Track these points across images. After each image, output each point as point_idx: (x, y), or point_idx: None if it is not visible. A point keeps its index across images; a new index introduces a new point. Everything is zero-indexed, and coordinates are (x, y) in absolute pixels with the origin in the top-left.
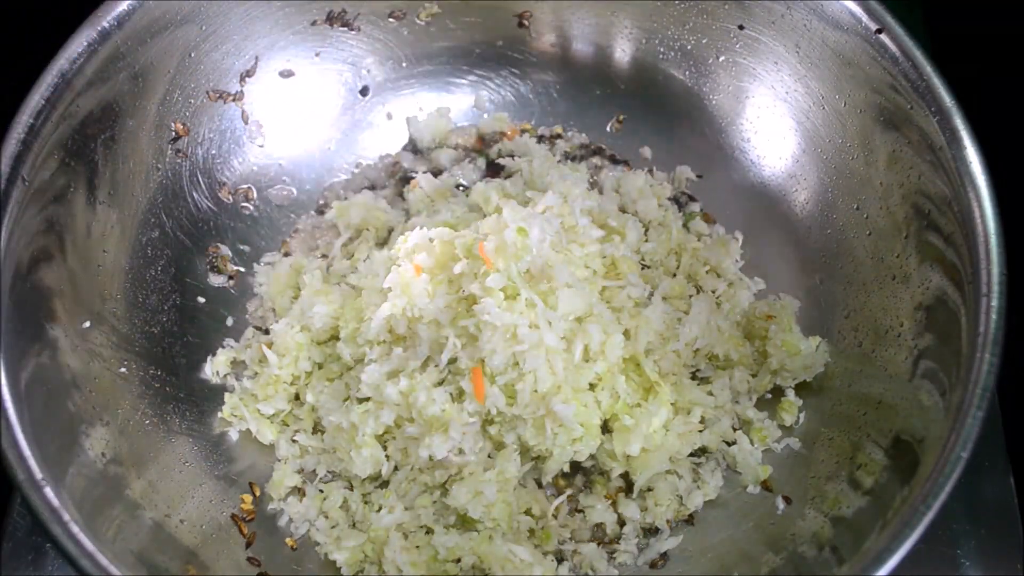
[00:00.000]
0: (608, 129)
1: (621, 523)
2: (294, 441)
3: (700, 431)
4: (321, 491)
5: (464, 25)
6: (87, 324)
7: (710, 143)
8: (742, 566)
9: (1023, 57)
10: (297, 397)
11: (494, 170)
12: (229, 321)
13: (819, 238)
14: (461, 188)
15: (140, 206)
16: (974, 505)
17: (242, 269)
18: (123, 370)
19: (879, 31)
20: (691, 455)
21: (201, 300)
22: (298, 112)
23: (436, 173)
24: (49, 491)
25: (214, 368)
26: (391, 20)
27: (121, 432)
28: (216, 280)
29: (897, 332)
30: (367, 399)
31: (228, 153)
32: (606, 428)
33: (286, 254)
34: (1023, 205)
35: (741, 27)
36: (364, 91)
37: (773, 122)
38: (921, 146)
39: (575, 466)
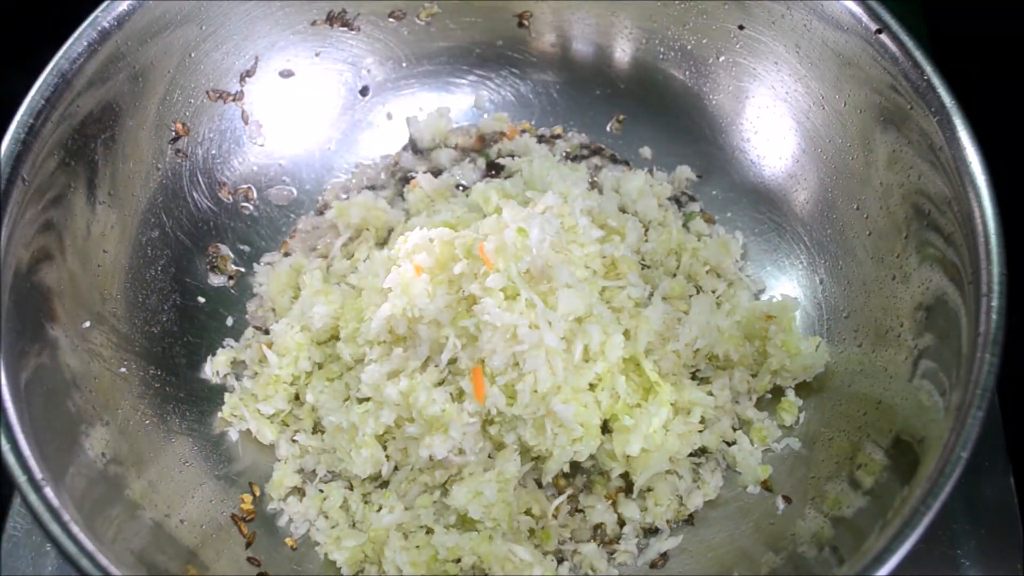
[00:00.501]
0: (608, 129)
1: (621, 523)
2: (294, 441)
3: (700, 431)
4: (321, 491)
5: (464, 25)
6: (87, 324)
7: (710, 143)
8: (742, 566)
9: (1023, 57)
10: (297, 397)
11: (494, 170)
12: (229, 321)
13: (819, 238)
14: (461, 188)
15: (140, 206)
16: (974, 505)
17: (242, 269)
18: (123, 370)
19: (879, 31)
20: (691, 455)
21: (201, 300)
22: (298, 112)
23: (436, 173)
24: (49, 491)
25: (214, 368)
26: (391, 20)
27: (121, 432)
28: (216, 280)
29: (897, 332)
30: (367, 399)
31: (228, 153)
32: (606, 428)
33: (286, 254)
34: (1023, 205)
35: (741, 27)
36: (364, 91)
37: (773, 122)
38: (921, 146)
39: (575, 466)
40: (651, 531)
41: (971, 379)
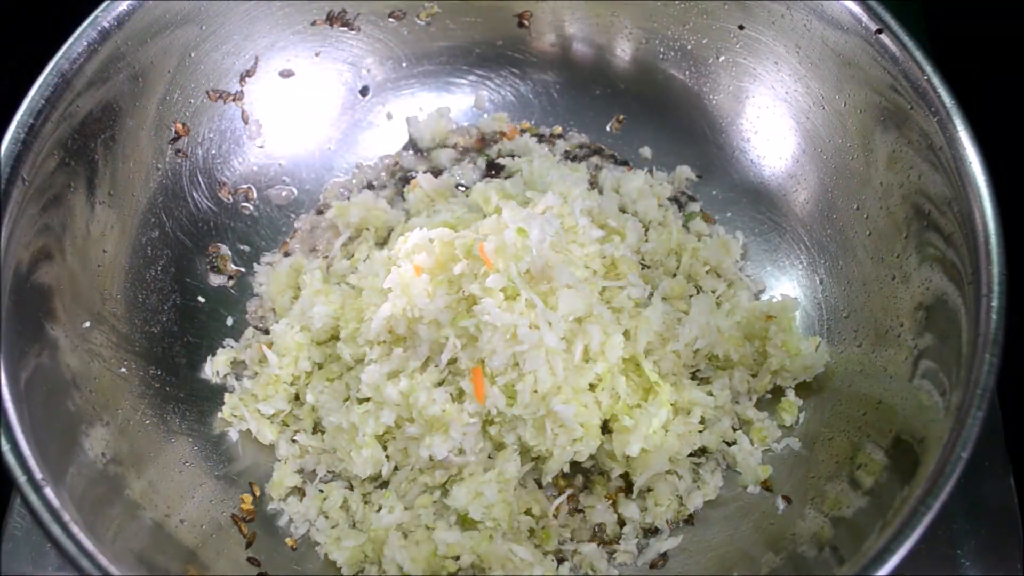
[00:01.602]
0: (608, 129)
1: (621, 523)
2: (294, 441)
3: (700, 431)
4: (321, 491)
5: (464, 25)
6: (87, 324)
7: (710, 143)
8: (742, 566)
9: (1023, 57)
10: (297, 397)
11: (494, 170)
12: (229, 321)
13: (819, 238)
14: (461, 188)
15: (140, 206)
16: (974, 505)
17: (242, 269)
18: (123, 370)
19: (879, 31)
20: (691, 455)
21: (201, 300)
22: (298, 112)
23: (436, 173)
24: (49, 491)
25: (214, 368)
26: (391, 20)
27: (121, 432)
28: (216, 280)
29: (897, 332)
30: (367, 399)
31: (228, 153)
32: (606, 428)
33: (286, 254)
34: (1023, 205)
35: (741, 27)
36: (364, 91)
37: (773, 122)
38: (921, 146)
39: (575, 466)
40: (651, 531)
41: (971, 379)
